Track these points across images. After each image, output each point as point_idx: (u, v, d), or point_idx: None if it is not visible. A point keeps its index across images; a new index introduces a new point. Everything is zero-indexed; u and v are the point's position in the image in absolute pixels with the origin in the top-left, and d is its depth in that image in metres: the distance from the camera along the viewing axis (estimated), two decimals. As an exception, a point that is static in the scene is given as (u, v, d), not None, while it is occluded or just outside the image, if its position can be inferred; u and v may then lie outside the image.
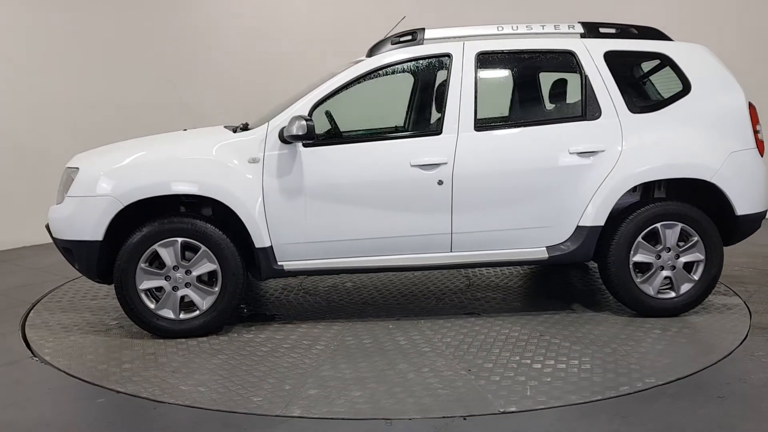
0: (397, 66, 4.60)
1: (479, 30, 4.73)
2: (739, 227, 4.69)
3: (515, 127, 4.62)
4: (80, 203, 4.31)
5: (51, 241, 4.60)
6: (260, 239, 4.36)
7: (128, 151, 4.54)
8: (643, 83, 5.05)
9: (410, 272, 5.78)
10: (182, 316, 4.39)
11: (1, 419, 3.38)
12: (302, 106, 4.44)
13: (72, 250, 4.38)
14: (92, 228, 4.28)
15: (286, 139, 4.32)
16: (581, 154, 4.50)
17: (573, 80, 4.99)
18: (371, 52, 4.66)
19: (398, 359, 3.98)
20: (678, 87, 4.72)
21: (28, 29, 7.49)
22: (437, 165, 4.41)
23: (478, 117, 4.50)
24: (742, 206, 4.61)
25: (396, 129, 5.68)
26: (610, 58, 4.66)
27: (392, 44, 4.65)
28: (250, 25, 8.75)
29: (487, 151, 4.48)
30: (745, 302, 4.87)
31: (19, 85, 7.45)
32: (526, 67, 5.01)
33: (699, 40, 4.91)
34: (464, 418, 3.22)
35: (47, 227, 4.61)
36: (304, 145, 4.38)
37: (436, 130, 4.50)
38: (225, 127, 4.97)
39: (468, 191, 4.44)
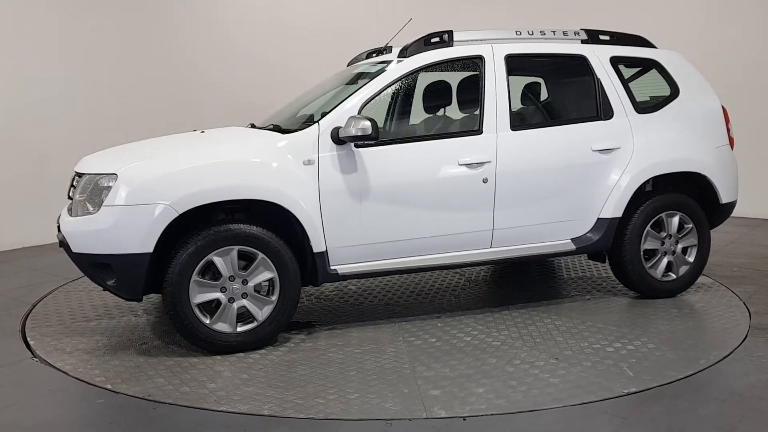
0: (436, 66, 4.67)
1: (501, 33, 4.92)
2: (721, 214, 5.30)
3: (544, 126, 4.85)
4: (125, 213, 3.90)
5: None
6: (318, 243, 4.23)
7: (172, 155, 4.19)
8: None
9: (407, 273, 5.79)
10: (239, 328, 4.13)
11: (2, 420, 3.35)
12: (352, 106, 4.36)
13: (112, 265, 3.95)
14: (141, 239, 3.90)
15: (342, 139, 4.22)
16: (602, 151, 4.85)
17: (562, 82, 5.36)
18: (406, 53, 4.66)
19: (482, 354, 4.05)
20: (666, 90, 5.23)
21: (29, 29, 7.36)
22: (482, 163, 4.54)
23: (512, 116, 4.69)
24: (725, 195, 5.21)
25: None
26: (614, 62, 5.06)
27: (425, 45, 4.70)
28: (249, 26, 9.01)
29: (523, 149, 4.68)
30: (744, 303, 4.93)
31: (19, 86, 7.33)
32: (545, 69, 5.28)
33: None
34: (464, 419, 3.24)
35: (63, 242, 4.11)
36: (356, 146, 4.30)
37: (477, 129, 4.62)
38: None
39: (509, 188, 4.62)
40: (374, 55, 5.61)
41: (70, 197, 4.49)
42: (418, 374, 3.78)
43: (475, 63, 4.74)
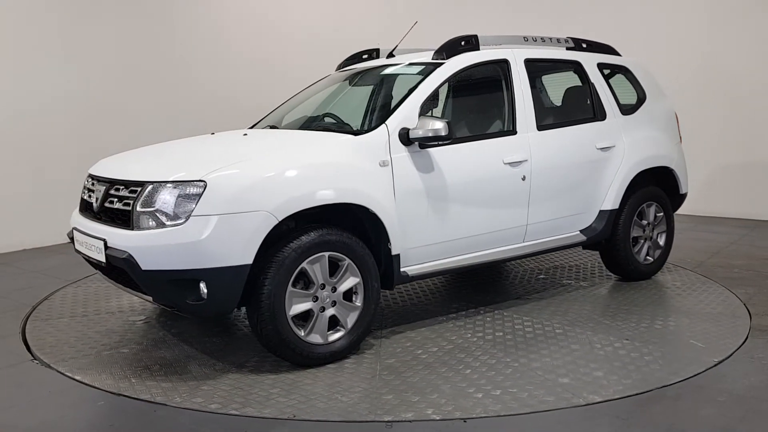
0: (474, 68, 4.80)
1: (515, 38, 5.17)
2: (678, 204, 6.02)
3: (560, 126, 5.16)
4: (221, 223, 3.57)
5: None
6: (396, 246, 4.18)
7: (257, 159, 3.88)
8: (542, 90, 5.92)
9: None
10: (330, 338, 3.97)
11: (2, 422, 3.37)
12: (412, 107, 4.35)
13: (205, 280, 3.59)
14: (241, 250, 3.60)
15: (413, 140, 4.22)
16: (603, 149, 5.30)
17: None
18: (443, 55, 4.72)
19: (560, 342, 4.26)
20: (634, 95, 5.83)
21: (29, 31, 7.25)
22: (521, 162, 4.77)
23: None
24: (684, 186, 5.94)
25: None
26: (600, 68, 5.55)
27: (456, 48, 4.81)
28: (249, 28, 9.05)
29: (550, 148, 4.97)
30: (744, 304, 4.96)
31: (19, 87, 7.20)
32: (553, 73, 5.61)
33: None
34: (464, 421, 3.25)
35: (127, 259, 3.64)
36: (421, 146, 4.31)
37: (512, 130, 4.83)
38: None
39: (541, 185, 4.89)
40: (364, 57, 5.61)
41: (93, 208, 4.02)
42: (527, 366, 3.90)
43: (502, 66, 4.94)
